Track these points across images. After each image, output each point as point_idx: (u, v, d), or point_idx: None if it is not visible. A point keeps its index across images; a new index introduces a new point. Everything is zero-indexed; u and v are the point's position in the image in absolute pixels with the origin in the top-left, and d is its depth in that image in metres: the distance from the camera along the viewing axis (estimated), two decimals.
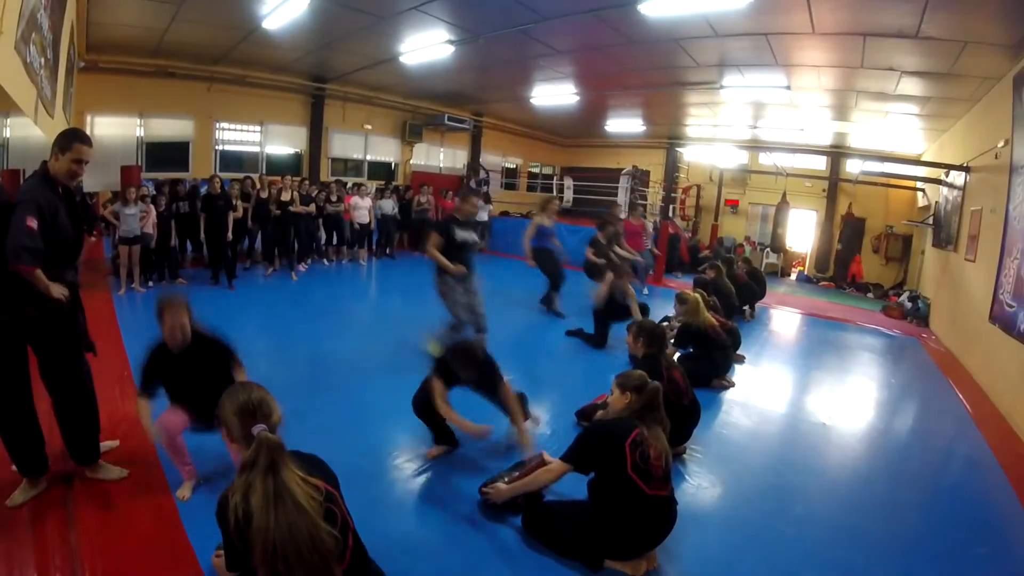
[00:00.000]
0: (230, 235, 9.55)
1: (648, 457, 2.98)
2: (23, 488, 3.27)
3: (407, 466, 4.11)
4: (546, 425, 4.97)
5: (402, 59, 11.54)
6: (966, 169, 9.49)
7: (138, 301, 8.24)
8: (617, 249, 9.66)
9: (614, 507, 2.98)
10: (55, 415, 3.37)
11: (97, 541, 2.95)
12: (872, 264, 17.10)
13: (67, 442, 3.42)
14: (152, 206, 9.04)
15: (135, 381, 3.73)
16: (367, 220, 12.95)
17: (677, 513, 3.13)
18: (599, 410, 4.27)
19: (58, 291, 3.08)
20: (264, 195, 10.82)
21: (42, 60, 3.67)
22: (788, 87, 10.84)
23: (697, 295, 6.60)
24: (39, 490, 3.31)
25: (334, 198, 12.36)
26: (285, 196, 10.76)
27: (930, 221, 12.63)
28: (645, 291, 11.02)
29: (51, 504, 3.25)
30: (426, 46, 10.66)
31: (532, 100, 15.49)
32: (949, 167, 10.35)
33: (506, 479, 3.56)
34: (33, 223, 2.96)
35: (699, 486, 4.15)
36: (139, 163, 12.02)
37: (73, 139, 3.21)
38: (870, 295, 15.64)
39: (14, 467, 3.31)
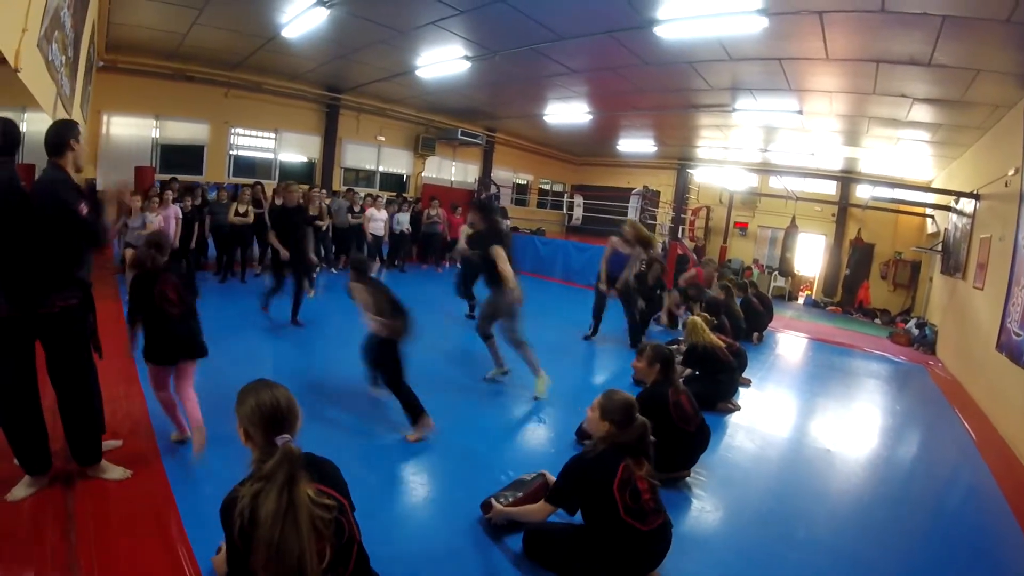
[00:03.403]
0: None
1: (639, 494, 2.91)
2: (24, 483, 3.28)
3: (409, 479, 4.14)
4: (549, 443, 4.99)
5: (418, 73, 11.65)
6: (976, 197, 9.49)
7: None
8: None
9: (611, 545, 2.92)
10: (59, 413, 3.38)
11: (97, 540, 2.96)
12: (880, 290, 17.08)
13: (69, 441, 3.43)
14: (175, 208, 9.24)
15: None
16: (382, 232, 12.98)
17: (671, 536, 3.07)
18: None
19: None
20: (279, 202, 10.86)
21: (63, 58, 3.74)
22: (800, 112, 10.89)
23: (697, 317, 6.63)
24: (41, 486, 3.31)
25: (357, 209, 12.46)
26: (313, 211, 9.28)
27: (939, 248, 12.61)
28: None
29: (52, 501, 3.26)
30: (442, 61, 10.77)
31: (545, 117, 15.60)
32: (959, 194, 10.35)
33: (508, 496, 3.55)
34: (83, 208, 3.09)
35: (702, 509, 4.13)
36: (153, 164, 12.14)
37: (76, 125, 3.34)
38: (877, 321, 15.62)
39: (16, 461, 3.32)
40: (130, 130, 11.85)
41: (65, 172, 3.23)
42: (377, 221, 12.83)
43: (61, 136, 3.23)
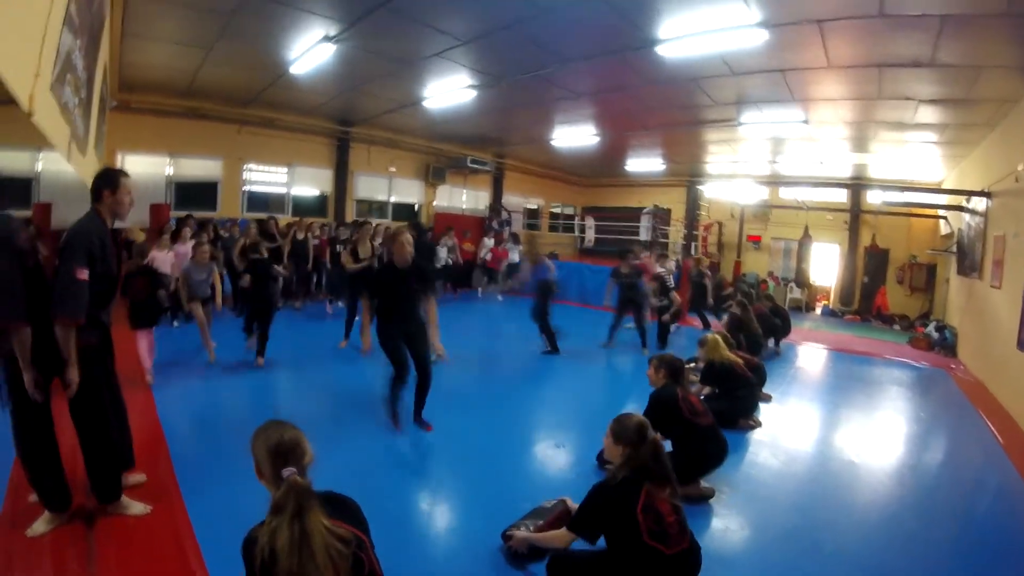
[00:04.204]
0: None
1: (662, 517, 2.87)
2: (44, 519, 3.32)
3: (429, 508, 4.16)
4: (569, 468, 4.98)
5: (425, 103, 11.82)
6: (987, 195, 9.46)
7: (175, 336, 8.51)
8: None
9: (635, 571, 2.85)
10: (81, 450, 3.43)
11: None
12: (897, 295, 16.95)
13: (89, 478, 3.48)
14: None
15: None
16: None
17: (700, 559, 3.02)
18: None
19: (73, 372, 3.20)
20: (301, 236, 11.22)
21: (76, 100, 3.82)
22: (806, 121, 10.92)
23: (715, 335, 6.64)
24: (61, 522, 3.35)
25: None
26: (363, 252, 8.51)
27: (953, 249, 12.53)
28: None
29: (72, 538, 3.28)
30: (449, 91, 10.92)
31: (553, 142, 15.75)
32: (970, 193, 10.31)
33: (528, 525, 3.54)
34: (83, 273, 3.11)
35: (727, 528, 4.10)
36: (168, 201, 12.34)
37: (119, 175, 3.47)
38: (896, 327, 15.49)
39: (33, 497, 3.38)
40: (145, 168, 12.01)
41: (100, 219, 3.38)
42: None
43: (96, 184, 3.42)
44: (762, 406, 7.01)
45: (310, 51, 8.74)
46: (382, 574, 2.22)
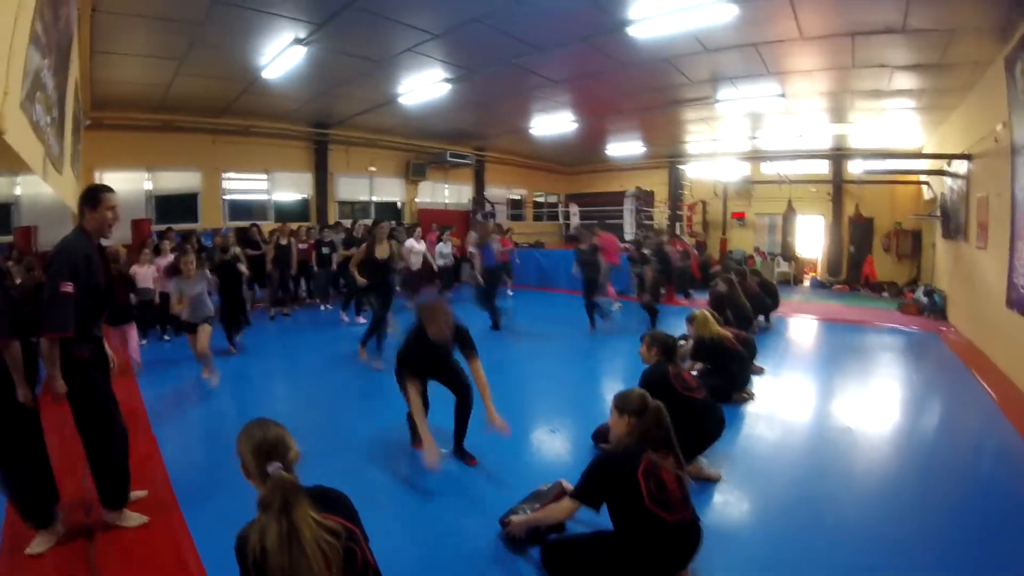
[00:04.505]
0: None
1: (664, 484, 2.91)
2: (40, 539, 3.32)
3: (425, 496, 4.15)
4: (565, 452, 4.99)
5: (401, 100, 11.76)
6: (968, 157, 9.49)
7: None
8: None
9: (638, 539, 2.89)
10: (88, 462, 3.49)
11: None
12: (884, 263, 17.03)
13: (99, 488, 3.51)
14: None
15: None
16: (420, 266, 12.19)
17: (702, 532, 3.04)
18: None
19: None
20: (284, 242, 11.14)
21: (48, 118, 3.78)
22: (783, 95, 10.93)
23: (704, 311, 6.65)
24: (57, 537, 3.36)
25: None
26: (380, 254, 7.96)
27: (937, 213, 12.57)
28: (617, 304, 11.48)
29: (73, 553, 3.29)
30: (424, 86, 10.87)
31: (532, 131, 15.72)
32: (951, 157, 10.34)
33: (526, 509, 3.53)
34: (67, 287, 3.13)
35: (726, 502, 4.10)
36: (149, 216, 12.25)
37: (99, 192, 3.44)
38: (885, 294, 15.58)
39: (26, 523, 3.35)
40: (124, 184, 11.87)
41: (85, 236, 3.39)
42: (416, 255, 11.96)
43: (80, 201, 3.43)
44: (755, 379, 7.04)
45: (281, 55, 8.68)
46: (376, 565, 2.24)
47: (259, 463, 2.13)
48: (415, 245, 12.05)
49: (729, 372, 6.32)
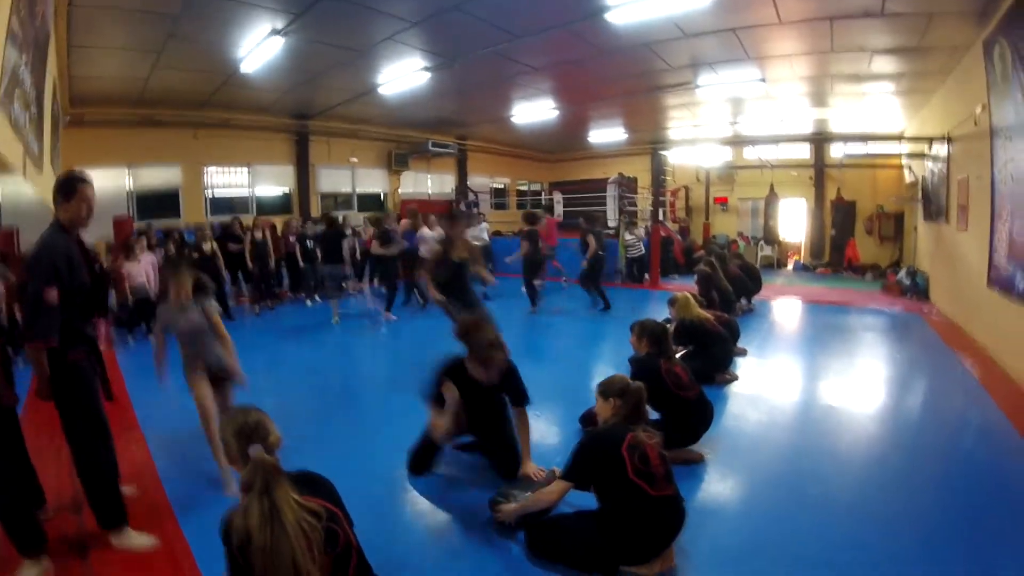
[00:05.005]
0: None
1: (648, 459, 2.97)
2: (28, 566, 3.06)
3: (413, 482, 4.13)
4: (552, 436, 4.96)
5: (381, 90, 11.68)
6: (948, 140, 9.57)
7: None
8: None
9: (622, 513, 2.94)
10: (77, 475, 3.27)
11: None
12: (867, 246, 17.15)
13: (91, 503, 3.29)
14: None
15: None
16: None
17: (685, 510, 3.08)
18: None
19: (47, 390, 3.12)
20: (259, 236, 10.97)
21: (27, 116, 3.73)
22: (763, 79, 10.95)
23: (686, 294, 6.66)
24: (43, 568, 3.08)
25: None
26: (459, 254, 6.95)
27: (919, 196, 12.69)
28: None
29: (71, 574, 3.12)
30: (403, 75, 10.80)
31: (513, 119, 15.65)
32: (931, 140, 10.43)
33: (516, 495, 3.52)
34: (51, 293, 2.97)
35: (711, 480, 4.13)
36: (130, 213, 12.12)
37: (75, 183, 3.23)
38: (868, 276, 15.72)
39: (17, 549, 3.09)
40: (104, 182, 11.54)
41: (63, 231, 3.19)
42: (428, 242, 10.50)
43: (54, 191, 3.22)
44: (739, 360, 7.07)
45: (259, 47, 8.60)
46: (359, 546, 2.28)
47: (240, 446, 2.19)
48: (426, 232, 10.71)
49: (711, 354, 6.35)
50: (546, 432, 5.02)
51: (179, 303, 4.14)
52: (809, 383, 6.70)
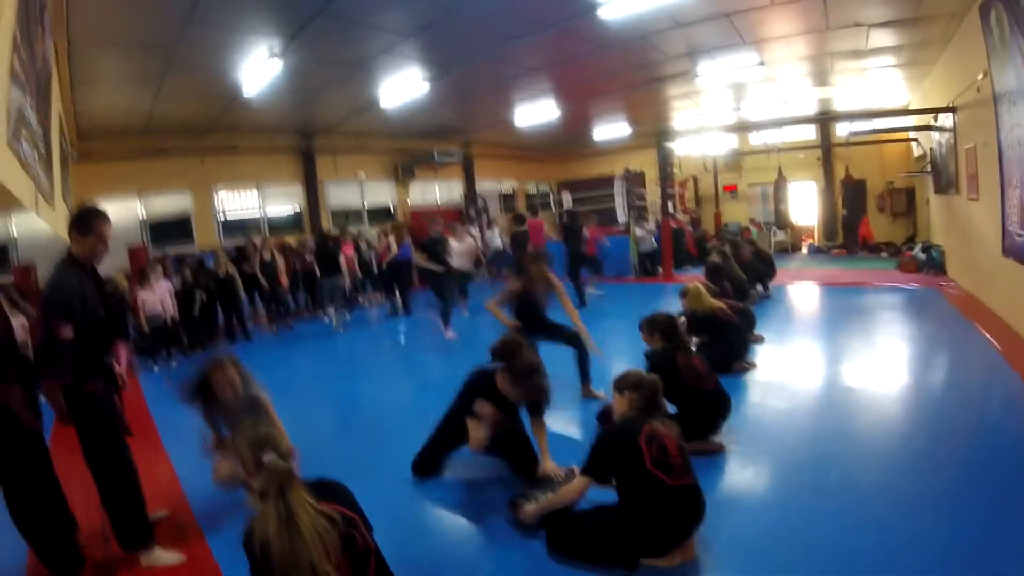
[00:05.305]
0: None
1: (666, 449, 2.99)
2: None
3: (433, 482, 4.18)
4: (571, 435, 4.97)
5: (382, 103, 11.72)
6: (953, 110, 9.48)
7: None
8: None
9: (641, 504, 2.97)
10: (101, 501, 3.34)
11: None
12: (880, 223, 17.01)
13: (114, 528, 3.37)
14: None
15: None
16: (469, 267, 11.23)
17: (704, 501, 3.09)
18: None
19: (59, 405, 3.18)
20: (268, 257, 11.11)
21: (35, 154, 3.80)
22: (762, 63, 10.88)
23: (697, 284, 6.66)
24: None
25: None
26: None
27: (928, 169, 12.57)
28: None
29: None
30: (403, 87, 10.84)
31: (516, 122, 15.67)
32: (936, 111, 10.35)
33: (537, 496, 3.51)
34: (66, 331, 3.03)
35: (731, 470, 4.13)
36: (144, 242, 12.26)
37: (91, 218, 3.31)
38: (883, 254, 15.57)
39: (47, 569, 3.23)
40: (116, 213, 11.50)
41: (76, 265, 3.26)
42: (461, 256, 10.68)
43: (69, 225, 3.31)
44: (756, 348, 7.06)
45: (259, 70, 8.68)
46: (378, 551, 2.32)
47: (255, 455, 2.27)
48: (455, 245, 10.61)
49: (727, 343, 6.35)
50: (564, 430, 5.02)
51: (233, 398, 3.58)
52: (828, 366, 6.66)
